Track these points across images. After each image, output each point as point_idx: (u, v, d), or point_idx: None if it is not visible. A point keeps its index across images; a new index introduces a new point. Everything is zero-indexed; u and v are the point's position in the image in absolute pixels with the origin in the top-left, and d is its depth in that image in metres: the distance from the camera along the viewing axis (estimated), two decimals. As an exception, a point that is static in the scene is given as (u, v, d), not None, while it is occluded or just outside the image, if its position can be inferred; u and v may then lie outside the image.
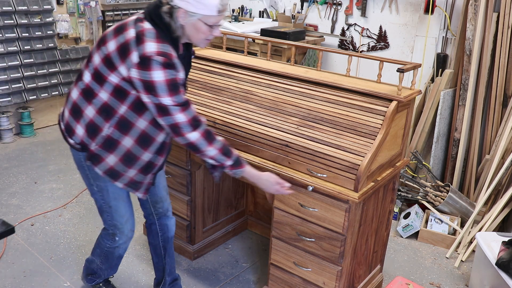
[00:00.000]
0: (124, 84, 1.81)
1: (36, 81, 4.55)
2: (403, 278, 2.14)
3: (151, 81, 1.73)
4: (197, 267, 2.81)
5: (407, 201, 3.50)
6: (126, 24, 1.82)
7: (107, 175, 1.98)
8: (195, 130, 1.84)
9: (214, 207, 2.89)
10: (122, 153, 1.93)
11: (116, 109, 1.86)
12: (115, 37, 1.80)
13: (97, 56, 1.85)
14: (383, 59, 2.28)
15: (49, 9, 4.50)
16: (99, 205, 2.13)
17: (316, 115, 2.20)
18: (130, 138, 1.91)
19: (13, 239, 2.96)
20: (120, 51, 1.76)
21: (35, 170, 3.92)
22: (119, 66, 1.77)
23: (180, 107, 1.79)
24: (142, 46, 1.73)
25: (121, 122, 1.88)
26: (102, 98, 1.86)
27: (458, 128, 3.49)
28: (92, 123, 1.90)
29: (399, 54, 4.04)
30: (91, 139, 1.92)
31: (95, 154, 1.94)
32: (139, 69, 1.73)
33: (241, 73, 2.55)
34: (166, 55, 1.74)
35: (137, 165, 1.98)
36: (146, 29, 1.77)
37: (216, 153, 1.90)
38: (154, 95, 1.76)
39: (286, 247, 2.27)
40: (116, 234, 2.17)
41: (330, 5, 4.40)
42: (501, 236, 2.51)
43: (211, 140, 1.88)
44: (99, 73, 1.84)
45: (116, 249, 2.25)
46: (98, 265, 2.35)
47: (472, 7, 3.34)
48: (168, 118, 1.80)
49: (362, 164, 1.95)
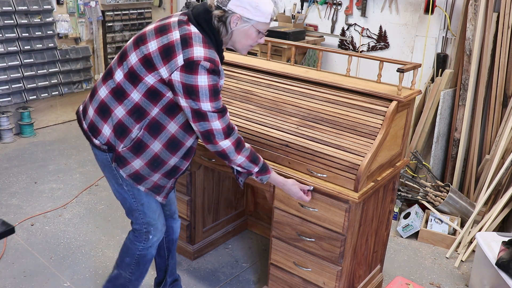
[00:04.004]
0: (159, 86, 1.77)
1: (36, 81, 4.55)
2: (403, 278, 2.14)
3: (195, 86, 1.71)
4: (197, 267, 2.81)
5: (407, 201, 3.50)
6: (169, 25, 1.78)
7: (130, 179, 1.93)
8: (227, 138, 1.83)
9: (214, 207, 2.89)
10: (150, 158, 1.89)
11: (148, 110, 1.82)
12: (157, 37, 1.76)
13: (134, 55, 1.80)
14: (383, 59, 2.28)
15: (49, 9, 4.50)
16: (129, 205, 2.04)
17: (316, 115, 2.20)
18: (159, 142, 1.87)
19: (13, 239, 2.96)
20: (163, 52, 1.73)
21: (35, 170, 3.92)
22: (160, 68, 1.74)
23: (218, 113, 1.78)
24: (189, 49, 1.71)
25: (152, 125, 1.84)
26: (134, 99, 1.81)
27: (458, 128, 3.49)
28: (121, 124, 1.85)
29: (399, 54, 4.04)
30: (119, 140, 1.87)
31: (121, 156, 1.88)
32: (184, 72, 1.70)
33: (241, 73, 2.55)
34: (213, 61, 1.74)
35: (163, 169, 1.95)
36: (193, 32, 1.74)
37: (243, 160, 1.89)
38: (195, 100, 1.73)
39: (286, 247, 2.27)
40: (150, 231, 2.08)
41: (330, 5, 4.40)
42: (501, 236, 2.51)
43: (240, 148, 1.88)
44: (134, 72, 1.79)
45: (149, 249, 2.14)
46: (127, 278, 2.19)
47: (472, 7, 3.34)
48: (204, 124, 1.78)
49: (362, 164, 1.95)
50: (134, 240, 2.12)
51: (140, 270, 2.19)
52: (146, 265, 2.18)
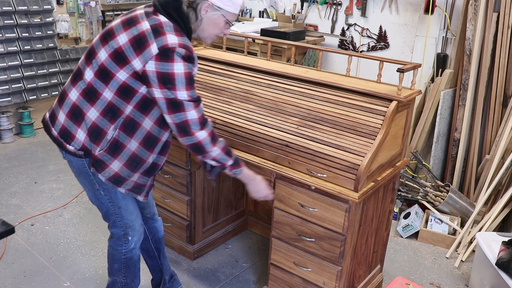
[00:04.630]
0: (132, 82, 1.74)
1: (36, 81, 4.55)
2: (403, 278, 2.14)
3: (171, 73, 1.69)
4: (197, 267, 2.81)
5: (407, 201, 3.50)
6: (136, 17, 1.76)
7: (110, 182, 1.89)
8: (203, 129, 1.81)
9: (214, 207, 2.89)
10: (127, 158, 1.86)
11: (121, 109, 1.79)
12: (126, 30, 1.74)
13: (103, 51, 1.77)
14: (383, 59, 2.28)
15: (49, 9, 4.50)
16: (106, 209, 2.02)
17: (316, 115, 2.20)
18: (135, 141, 1.85)
19: (13, 239, 2.96)
20: (135, 43, 1.70)
21: (35, 170, 3.92)
22: (133, 60, 1.70)
23: (193, 102, 1.76)
24: (162, 37, 1.69)
25: (127, 124, 1.81)
26: (106, 98, 1.77)
27: (458, 128, 3.49)
28: (96, 126, 1.81)
29: (399, 54, 4.04)
30: (94, 143, 1.83)
31: (98, 160, 1.84)
32: (159, 60, 1.68)
33: (241, 73, 2.55)
34: (188, 48, 1.72)
35: (142, 168, 1.93)
36: (163, 22, 1.73)
37: (219, 152, 1.87)
38: (171, 89, 1.71)
39: (286, 247, 2.27)
40: (128, 233, 2.07)
41: (330, 5, 4.40)
42: (501, 236, 2.51)
43: (215, 140, 1.86)
44: (105, 69, 1.76)
45: (133, 251, 2.13)
46: (122, 282, 2.20)
47: (472, 7, 3.34)
48: (180, 114, 1.75)
49: (362, 164, 1.95)
50: (115, 246, 2.11)
51: (132, 271, 2.19)
52: (136, 266, 2.19)
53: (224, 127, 2.36)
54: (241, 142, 2.30)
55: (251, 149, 2.27)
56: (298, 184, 2.12)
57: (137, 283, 2.27)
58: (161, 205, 2.85)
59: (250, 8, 5.04)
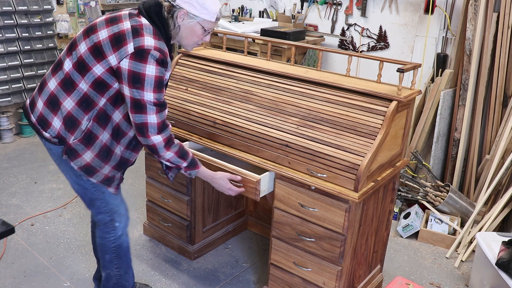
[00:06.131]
0: (107, 76, 1.80)
1: (36, 81, 4.55)
2: (403, 278, 2.14)
3: (142, 74, 1.75)
4: (197, 267, 2.81)
5: (407, 201, 3.50)
6: (120, 16, 1.83)
7: (82, 171, 1.94)
8: (160, 134, 1.87)
9: (214, 207, 2.89)
10: (99, 149, 1.92)
11: (96, 101, 1.85)
12: (108, 27, 1.80)
13: (83, 44, 1.83)
14: (383, 59, 2.28)
15: (49, 9, 4.50)
16: (90, 195, 2.03)
17: (316, 115, 2.20)
18: (107, 132, 1.92)
19: (13, 239, 2.96)
20: (114, 40, 1.77)
21: (35, 170, 3.92)
22: (109, 55, 1.77)
23: (157, 107, 1.82)
24: (140, 38, 1.75)
25: (100, 115, 1.88)
26: (82, 89, 1.84)
27: (458, 128, 3.49)
28: (71, 116, 1.87)
29: (399, 54, 4.04)
30: (69, 132, 1.89)
31: (72, 149, 1.90)
32: (133, 59, 1.74)
33: (241, 73, 2.55)
34: (163, 52, 1.79)
35: (112, 160, 1.97)
36: (144, 24, 1.80)
37: (172, 156, 1.94)
38: (139, 89, 1.77)
39: (286, 247, 2.27)
40: (114, 219, 2.09)
41: (330, 5, 4.40)
42: (501, 236, 2.51)
43: (170, 145, 1.92)
44: (83, 62, 1.82)
45: (122, 237, 2.13)
46: (117, 274, 2.20)
47: (472, 7, 3.34)
48: (141, 116, 1.82)
49: (362, 164, 1.95)
50: (102, 234, 2.13)
51: (124, 262, 2.20)
52: (127, 255, 2.21)
53: (224, 127, 2.36)
54: (241, 142, 2.30)
55: (251, 149, 2.27)
56: (298, 184, 2.12)
57: (131, 275, 2.27)
58: (161, 205, 2.85)
59: (250, 8, 5.04)
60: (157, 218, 2.92)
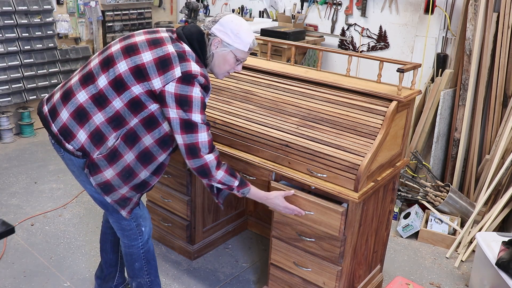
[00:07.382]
0: (144, 97, 1.80)
1: (36, 81, 4.55)
2: (403, 278, 2.14)
3: (189, 96, 1.77)
4: (197, 267, 2.81)
5: (407, 201, 3.50)
6: (162, 39, 1.84)
7: (99, 188, 1.91)
8: (211, 152, 1.87)
9: (214, 207, 2.89)
10: (121, 168, 1.89)
11: (127, 120, 1.83)
12: (151, 49, 1.80)
13: (124, 63, 1.80)
14: (383, 59, 2.28)
15: (49, 9, 4.50)
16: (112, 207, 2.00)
17: (316, 115, 2.20)
18: (133, 153, 1.88)
19: (13, 239, 2.96)
20: (159, 64, 1.77)
21: (35, 170, 3.92)
22: (154, 78, 1.77)
23: (205, 126, 1.84)
24: (187, 63, 1.78)
25: (129, 135, 1.85)
26: (115, 107, 1.81)
27: (458, 128, 3.49)
28: (99, 131, 1.84)
29: (399, 54, 4.04)
30: (95, 147, 1.86)
31: (94, 164, 1.87)
32: (181, 83, 1.76)
33: (241, 73, 2.55)
34: (207, 78, 1.85)
35: (132, 182, 1.94)
36: (187, 50, 1.83)
37: (223, 175, 1.91)
38: (186, 111, 1.78)
39: (286, 247, 2.27)
40: (140, 223, 2.08)
41: (330, 5, 4.40)
42: (501, 236, 2.51)
43: (220, 164, 1.91)
44: (122, 81, 1.79)
45: (148, 241, 2.13)
46: (147, 281, 2.19)
47: (472, 7, 3.34)
48: (192, 135, 1.81)
49: (362, 164, 1.95)
50: (129, 242, 2.11)
51: (153, 266, 2.20)
52: (154, 258, 2.21)
53: (224, 127, 2.36)
54: (241, 142, 2.30)
55: (251, 149, 2.27)
56: (298, 184, 2.12)
57: (158, 277, 2.26)
58: (161, 205, 2.85)
59: (250, 8, 5.04)
60: (157, 218, 2.92)
